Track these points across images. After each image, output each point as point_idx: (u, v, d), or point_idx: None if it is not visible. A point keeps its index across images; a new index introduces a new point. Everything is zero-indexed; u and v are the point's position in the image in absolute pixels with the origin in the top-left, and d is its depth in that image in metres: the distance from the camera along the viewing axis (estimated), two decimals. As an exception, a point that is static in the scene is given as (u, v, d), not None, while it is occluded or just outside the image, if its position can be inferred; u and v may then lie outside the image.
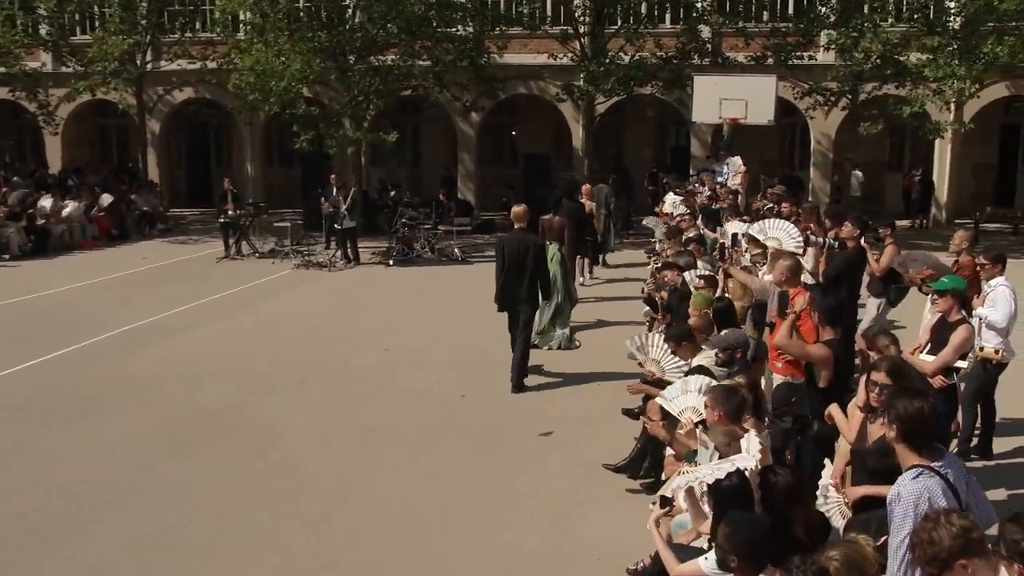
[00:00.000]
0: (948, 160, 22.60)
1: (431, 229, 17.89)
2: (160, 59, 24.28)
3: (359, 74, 19.35)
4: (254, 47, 18.31)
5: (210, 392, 9.42)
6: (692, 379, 5.59)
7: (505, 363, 10.37)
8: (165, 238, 21.44)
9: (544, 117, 26.13)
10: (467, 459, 7.64)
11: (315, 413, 8.78)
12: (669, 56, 19.57)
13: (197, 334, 11.96)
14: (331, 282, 15.85)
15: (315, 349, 11.13)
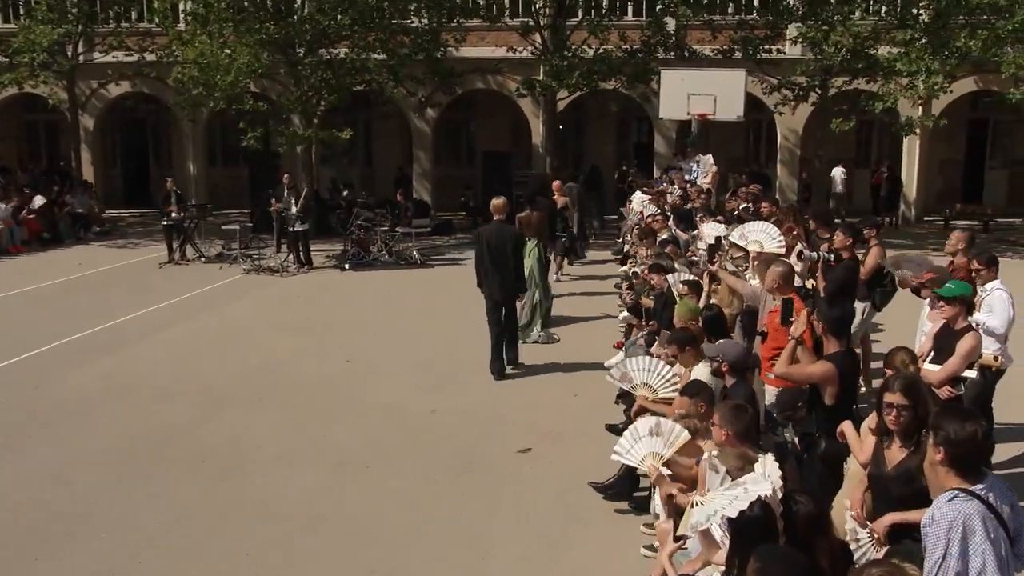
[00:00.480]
0: (916, 156, 22.91)
1: (388, 231, 17.56)
2: (93, 51, 23.55)
3: (310, 68, 18.92)
4: (197, 39, 17.79)
5: (159, 411, 9.02)
6: (640, 424, 5.40)
7: (474, 372, 10.26)
8: (102, 242, 20.77)
9: (502, 113, 25.93)
10: (442, 481, 7.37)
11: (276, 432, 8.44)
12: (634, 50, 19.48)
13: (141, 347, 11.51)
14: (284, 288, 15.44)
15: (272, 361, 10.76)
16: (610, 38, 19.65)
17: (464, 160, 27.52)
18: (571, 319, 12.88)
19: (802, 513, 3.94)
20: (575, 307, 13.67)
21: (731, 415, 4.84)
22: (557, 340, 11.74)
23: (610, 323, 12.58)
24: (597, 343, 11.41)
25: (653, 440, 5.30)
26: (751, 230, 8.82)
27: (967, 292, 6.09)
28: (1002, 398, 7.50)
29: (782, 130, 23.61)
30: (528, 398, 9.47)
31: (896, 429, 4.24)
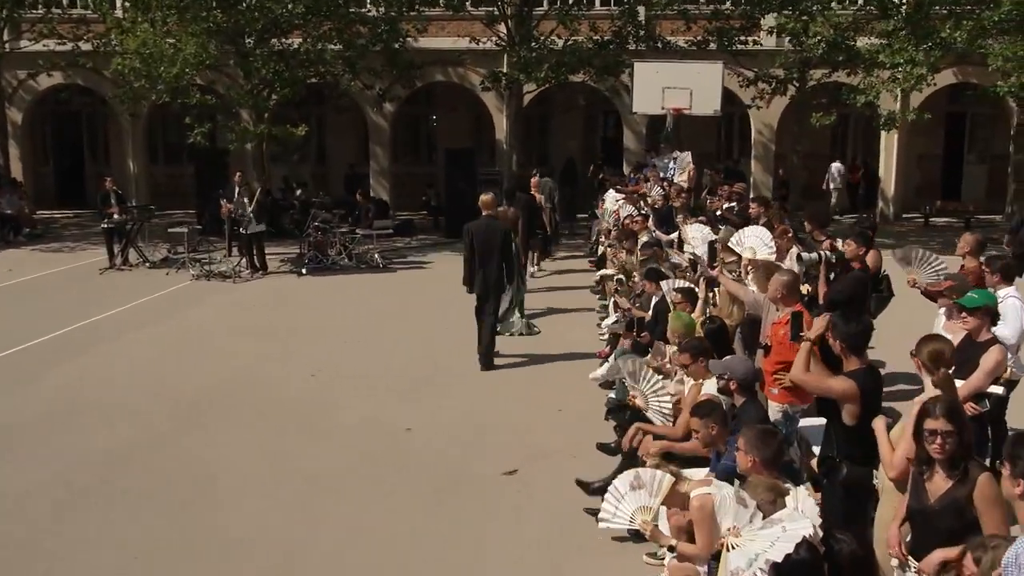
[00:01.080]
0: (895, 151, 23.10)
1: (347, 233, 17.21)
2: (21, 38, 22.82)
3: (261, 59, 18.48)
4: (139, 27, 17.26)
5: (109, 433, 8.64)
6: (619, 482, 5.22)
7: (448, 384, 10.10)
8: (34, 245, 20.13)
9: (463, 108, 25.70)
10: (423, 509, 7.12)
11: (242, 454, 8.12)
12: (606, 41, 19.34)
13: (84, 363, 11.07)
14: (238, 295, 15.04)
15: (231, 377, 10.41)
16: (580, 28, 19.47)
17: (423, 157, 27.23)
18: (546, 318, 12.80)
19: (846, 553, 3.79)
20: (551, 302, 13.77)
21: (759, 440, 4.68)
22: (538, 332, 12.37)
23: (585, 324, 12.46)
24: (574, 344, 11.31)
25: (637, 495, 5.11)
26: (749, 235, 8.71)
27: (992, 302, 6.00)
28: (1015, 410, 7.46)
29: (756, 125, 23.66)
30: (509, 413, 9.25)
31: (941, 458, 4.09)
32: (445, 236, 20.93)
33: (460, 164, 21.08)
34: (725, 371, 5.98)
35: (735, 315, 7.65)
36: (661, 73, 17.60)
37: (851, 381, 5.09)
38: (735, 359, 6.14)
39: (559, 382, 10.15)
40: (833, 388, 5.14)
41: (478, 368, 10.62)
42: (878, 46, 17.55)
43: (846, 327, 5.17)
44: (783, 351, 6.88)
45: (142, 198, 23.90)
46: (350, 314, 13.58)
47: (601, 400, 9.49)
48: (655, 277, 9.15)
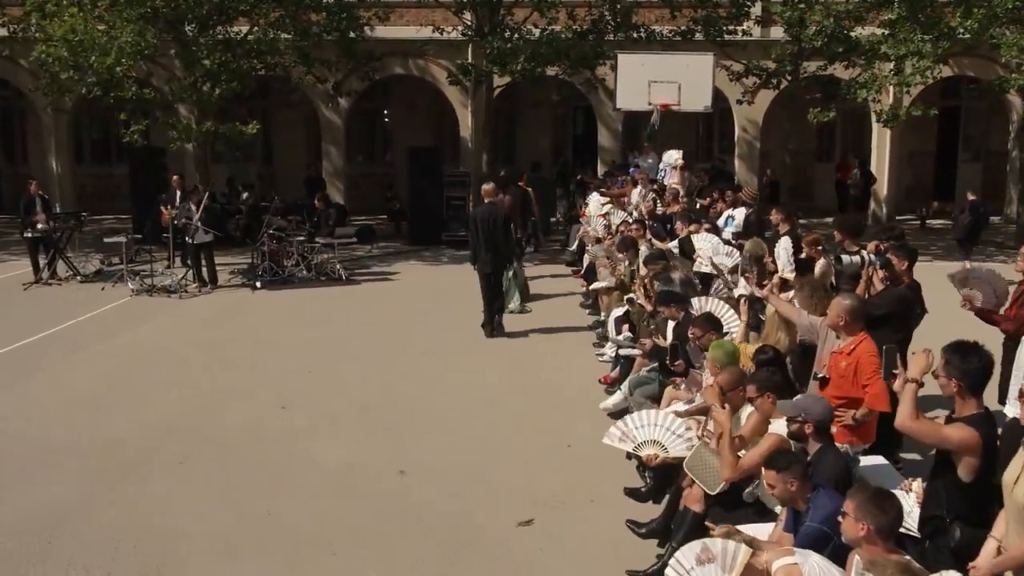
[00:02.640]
0: (888, 149, 22.92)
1: (305, 242, 16.42)
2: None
3: (206, 48, 17.58)
4: (66, 11, 16.27)
5: (43, 486, 7.79)
6: (683, 553, 4.67)
7: (438, 417, 9.49)
8: (-56, 258, 19.01)
9: (423, 103, 25.04)
10: (433, 571, 6.46)
11: (207, 509, 7.35)
12: (585, 30, 18.81)
13: (11, 397, 10.16)
14: (186, 313, 14.18)
15: (185, 413, 9.60)
16: (558, 17, 18.90)
17: (379, 156, 26.49)
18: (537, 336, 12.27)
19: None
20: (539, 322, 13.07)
21: (874, 506, 4.12)
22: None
23: (581, 344, 11.91)
24: (572, 368, 10.74)
25: (707, 570, 4.57)
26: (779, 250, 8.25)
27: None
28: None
29: (740, 121, 23.34)
30: (512, 449, 8.61)
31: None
32: (409, 243, 20.25)
33: (424, 164, 20.38)
34: (799, 412, 5.41)
35: (783, 342, 7.09)
36: (647, 66, 17.16)
37: (970, 429, 4.56)
38: (810, 398, 5.57)
39: (563, 413, 9.54)
40: (950, 438, 4.60)
41: (471, 397, 10.01)
42: (880, 36, 17.24)
43: (964, 363, 4.64)
44: (844, 385, 6.38)
45: (67, 201, 22.87)
46: (315, 335, 12.81)
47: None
48: (673, 301, 8.58)
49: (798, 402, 5.53)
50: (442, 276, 17.17)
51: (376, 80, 22.40)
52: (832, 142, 25.76)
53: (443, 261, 18.54)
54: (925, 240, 19.95)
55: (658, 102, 17.05)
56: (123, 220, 22.47)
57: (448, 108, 23.96)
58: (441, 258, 18.80)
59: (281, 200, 17.63)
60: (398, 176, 23.81)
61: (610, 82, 22.36)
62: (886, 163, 22.96)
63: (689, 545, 4.82)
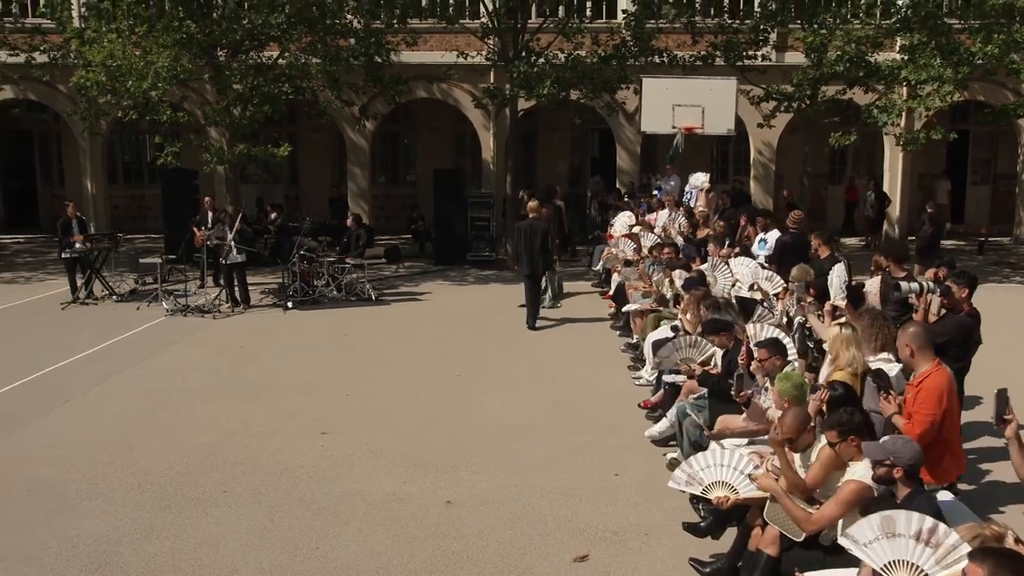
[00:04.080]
0: (900, 171, 22.42)
1: (336, 263, 15.93)
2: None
3: (239, 73, 17.16)
4: (105, 37, 15.87)
5: (85, 519, 7.29)
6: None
7: (481, 443, 8.96)
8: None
9: (445, 126, 24.62)
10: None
11: (255, 545, 6.83)
12: (608, 55, 18.34)
13: (51, 422, 9.66)
14: (220, 333, 13.68)
15: (225, 439, 9.09)
16: (584, 42, 18.44)
17: (401, 177, 26.05)
18: (571, 362, 11.67)
19: None
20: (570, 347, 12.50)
21: (1009, 570, 3.58)
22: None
23: (615, 365, 11.36)
24: (609, 392, 10.16)
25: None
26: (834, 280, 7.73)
27: None
28: None
29: (755, 143, 22.87)
30: (557, 477, 8.08)
31: None
32: (434, 263, 19.77)
33: (448, 186, 19.93)
34: (887, 456, 4.88)
35: (857, 360, 6.40)
36: (671, 90, 16.71)
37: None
38: (899, 440, 5.03)
39: (606, 439, 9.02)
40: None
41: (510, 422, 9.48)
42: (900, 62, 16.75)
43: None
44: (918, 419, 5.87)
45: (100, 221, 22.50)
46: (349, 357, 12.30)
47: (659, 459, 8.42)
48: (723, 328, 8.05)
49: (886, 445, 5.00)
50: (469, 296, 16.67)
51: (399, 103, 21.97)
52: (844, 164, 25.23)
53: (468, 281, 18.04)
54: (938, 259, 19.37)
55: (682, 125, 16.57)
56: (154, 239, 22.10)
57: (470, 130, 23.55)
58: (467, 278, 18.30)
59: (309, 220, 17.13)
60: (421, 196, 23.39)
61: (630, 106, 21.99)
62: (898, 185, 22.44)
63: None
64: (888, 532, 4.38)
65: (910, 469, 4.87)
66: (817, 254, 10.17)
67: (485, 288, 17.33)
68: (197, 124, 19.90)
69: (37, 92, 22.32)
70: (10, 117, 23.61)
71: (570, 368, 11.68)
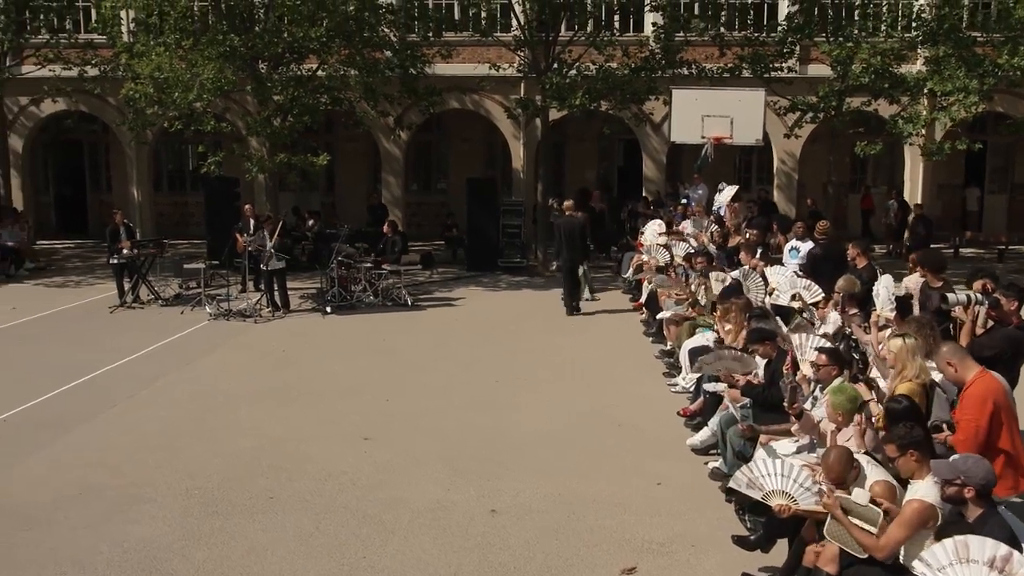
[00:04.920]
0: (921, 181, 21.91)
1: (373, 268, 15.65)
2: (22, 64, 21.20)
3: (280, 85, 16.96)
4: (153, 51, 15.70)
5: (134, 524, 7.03)
6: None
7: (521, 449, 8.65)
8: (37, 280, 18.45)
9: (477, 135, 24.33)
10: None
11: (302, 554, 6.54)
12: (638, 67, 17.97)
13: (98, 425, 9.42)
14: (261, 338, 13.44)
15: (270, 444, 8.82)
16: (614, 54, 18.08)
17: (433, 185, 25.77)
18: (606, 369, 11.30)
19: None
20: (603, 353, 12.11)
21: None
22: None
23: (650, 371, 10.99)
24: (646, 400, 9.80)
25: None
26: (882, 292, 7.32)
27: None
28: None
29: (778, 153, 22.42)
30: (600, 486, 7.73)
31: None
32: (466, 269, 19.46)
33: (481, 194, 19.64)
34: (957, 475, 4.52)
35: (925, 372, 6.00)
36: (700, 101, 16.28)
37: None
38: (970, 459, 4.67)
39: (646, 447, 8.67)
40: None
41: (550, 429, 9.15)
42: (925, 73, 16.28)
43: None
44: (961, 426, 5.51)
45: (146, 227, 22.40)
46: (388, 362, 12.00)
47: (701, 468, 8.06)
48: (767, 337, 7.69)
49: (956, 463, 4.63)
50: (502, 301, 16.34)
51: (433, 113, 21.70)
52: (864, 174, 24.71)
53: (501, 287, 17.71)
54: (964, 268, 18.85)
55: (711, 135, 16.17)
56: (197, 245, 21.94)
57: (499, 140, 23.26)
58: (499, 284, 17.97)
59: (349, 227, 16.86)
60: (452, 204, 23.10)
61: (656, 116, 21.61)
62: (919, 195, 21.91)
63: None
64: (962, 558, 4.07)
65: (982, 489, 4.51)
66: (854, 264, 9.78)
67: (517, 294, 17.00)
68: (238, 134, 19.72)
69: (88, 104, 22.24)
70: (62, 128, 23.65)
71: (606, 375, 11.32)
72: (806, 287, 9.39)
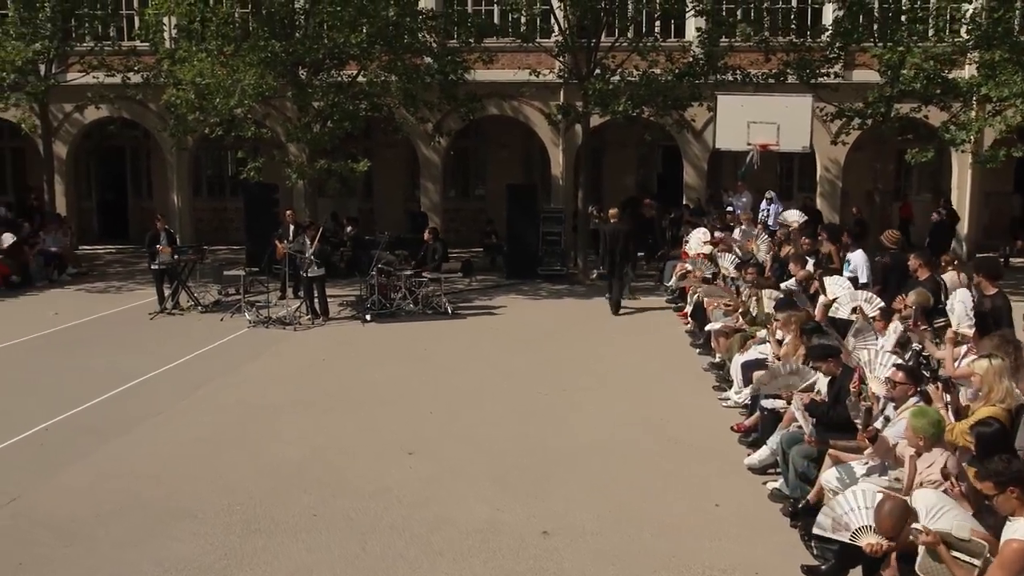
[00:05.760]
0: (969, 189, 21.27)
1: (413, 276, 15.39)
2: (67, 71, 21.23)
3: (320, 91, 16.77)
4: (195, 57, 15.58)
5: (180, 536, 6.79)
6: None
7: (570, 466, 8.27)
8: (79, 285, 18.40)
9: (515, 141, 24.02)
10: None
11: (348, 575, 6.25)
12: (682, 72, 17.55)
13: (139, 436, 9.20)
14: (301, 346, 13.21)
15: (312, 457, 8.55)
16: (658, 60, 17.68)
17: (471, 192, 25.50)
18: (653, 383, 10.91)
19: None
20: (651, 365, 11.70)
21: None
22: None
23: (699, 385, 10.57)
24: (697, 415, 9.40)
25: None
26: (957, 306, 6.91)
27: None
28: None
29: (822, 160, 21.86)
30: (657, 506, 7.37)
31: None
32: (505, 277, 19.15)
33: (521, 201, 19.33)
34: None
35: (1011, 396, 5.60)
36: (746, 107, 15.89)
37: None
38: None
39: (701, 465, 8.29)
40: None
41: (599, 444, 8.80)
42: (979, 79, 15.71)
43: None
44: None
45: (185, 232, 22.32)
46: (430, 372, 11.71)
47: (760, 489, 7.67)
48: (831, 354, 7.28)
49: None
50: (544, 310, 16.00)
51: (472, 120, 21.44)
52: (908, 182, 24.06)
53: (541, 295, 17.37)
54: (1014, 279, 18.24)
55: (757, 142, 15.74)
56: (235, 251, 21.83)
57: (538, 146, 22.93)
58: (539, 292, 17.63)
59: (388, 235, 16.61)
60: (490, 210, 22.81)
61: (698, 123, 21.19)
62: (967, 202, 21.28)
63: None
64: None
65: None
66: (916, 275, 9.33)
67: (559, 302, 16.66)
68: (278, 140, 19.56)
69: (130, 110, 22.24)
70: (105, 134, 23.68)
71: (653, 387, 10.95)
72: (867, 299, 8.96)
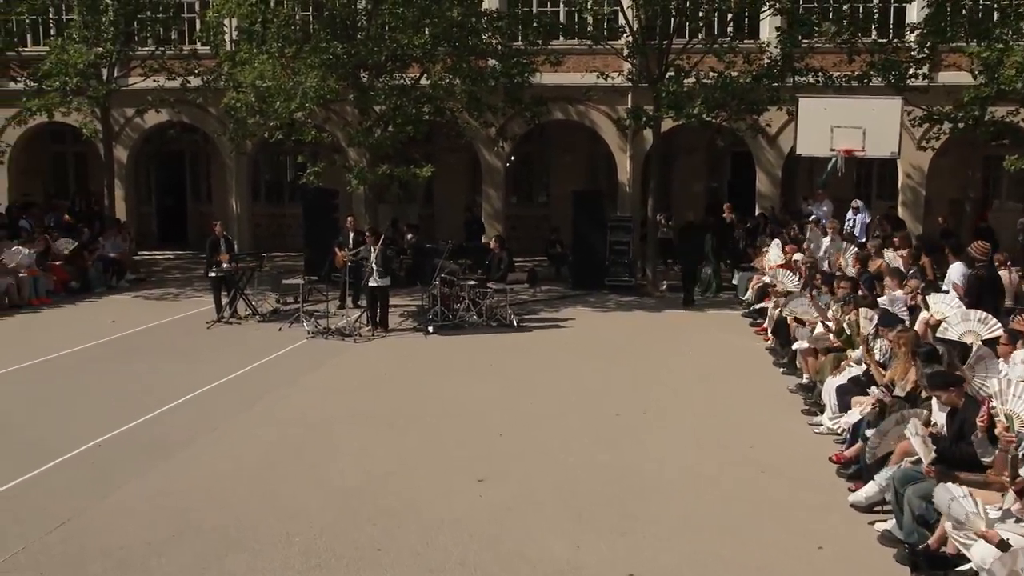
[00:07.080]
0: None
1: (478, 287, 14.90)
2: (128, 75, 21.26)
3: (383, 94, 16.42)
4: (256, 59, 15.33)
5: (238, 567, 6.35)
6: None
7: (654, 495, 7.61)
8: (137, 291, 18.32)
9: (579, 147, 23.46)
10: None
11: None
12: (760, 74, 16.82)
13: (196, 452, 8.83)
14: (362, 359, 12.81)
15: (375, 481, 8.07)
16: (735, 61, 16.97)
17: (535, 199, 24.98)
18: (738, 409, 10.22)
19: None
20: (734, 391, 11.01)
21: None
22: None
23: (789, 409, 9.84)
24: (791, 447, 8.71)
25: None
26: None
27: None
28: None
29: (904, 167, 20.87)
30: (754, 548, 6.72)
31: None
32: (571, 287, 18.57)
33: (587, 208, 18.75)
34: None
35: None
36: (829, 110, 15.09)
37: None
38: None
39: (799, 500, 7.62)
40: None
41: (684, 474, 8.18)
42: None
43: None
44: None
45: (243, 239, 22.17)
46: (497, 389, 11.17)
47: (867, 530, 6.98)
48: (952, 383, 6.58)
49: None
50: (613, 323, 15.40)
51: (536, 124, 20.93)
52: (995, 189, 22.90)
53: (610, 307, 16.76)
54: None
55: (841, 147, 14.95)
56: (294, 258, 21.67)
57: (603, 152, 22.34)
58: (607, 304, 17.01)
59: (449, 242, 16.17)
60: (554, 218, 22.27)
61: (773, 127, 20.39)
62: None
63: None
64: None
65: None
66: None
67: (629, 315, 16.03)
68: (337, 145, 19.28)
69: (190, 115, 22.21)
70: (165, 139, 23.70)
71: (736, 409, 10.28)
72: (981, 319, 8.21)
